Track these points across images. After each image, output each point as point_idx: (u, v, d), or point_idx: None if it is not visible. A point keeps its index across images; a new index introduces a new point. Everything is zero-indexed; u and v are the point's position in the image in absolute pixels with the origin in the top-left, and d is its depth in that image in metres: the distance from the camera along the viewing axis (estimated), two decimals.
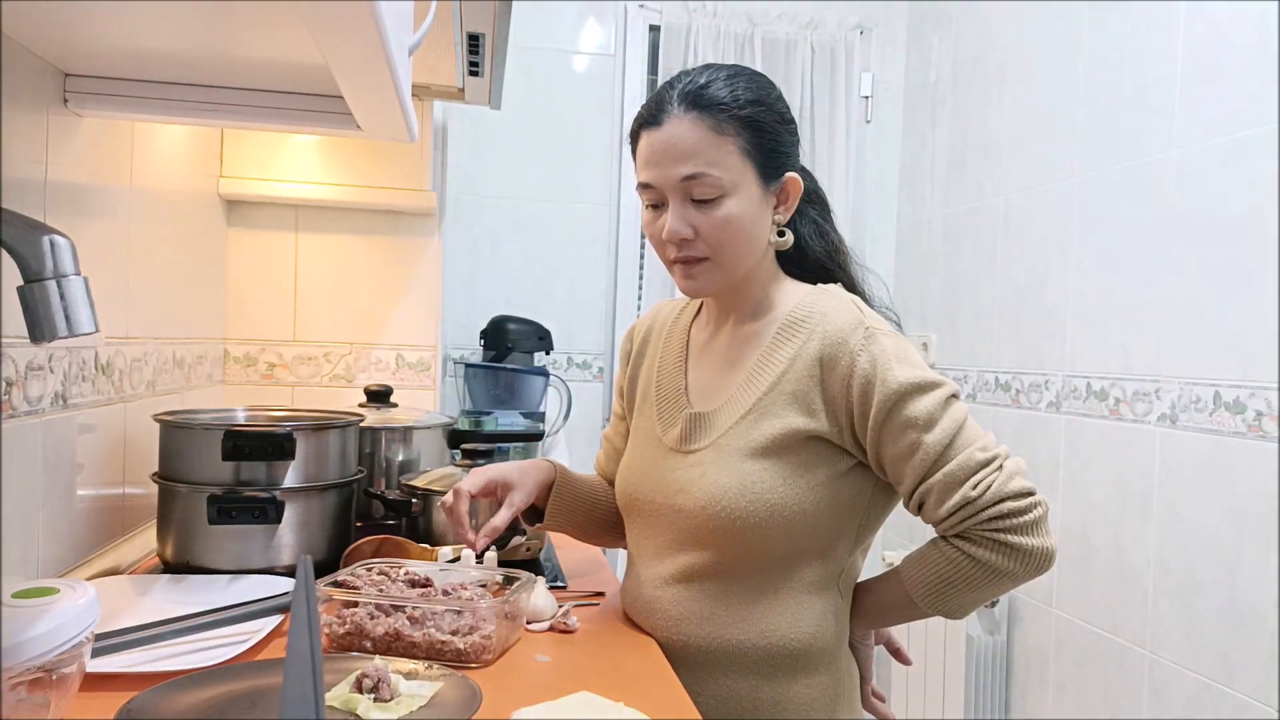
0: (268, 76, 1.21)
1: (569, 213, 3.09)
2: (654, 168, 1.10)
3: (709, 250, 1.10)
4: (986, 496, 1.03)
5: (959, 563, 1.06)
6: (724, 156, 1.08)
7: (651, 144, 1.10)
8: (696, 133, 1.07)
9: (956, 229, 2.87)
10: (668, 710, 0.92)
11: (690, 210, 1.09)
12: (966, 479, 1.04)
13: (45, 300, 0.75)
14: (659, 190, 1.10)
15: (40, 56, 1.13)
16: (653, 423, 1.21)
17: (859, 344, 1.06)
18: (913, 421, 1.04)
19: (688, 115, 1.08)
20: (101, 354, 1.33)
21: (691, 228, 1.09)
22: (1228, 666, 1.81)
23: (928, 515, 1.07)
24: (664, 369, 1.24)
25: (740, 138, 1.08)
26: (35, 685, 0.72)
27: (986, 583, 1.06)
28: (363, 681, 0.87)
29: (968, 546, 1.05)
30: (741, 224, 1.09)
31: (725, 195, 1.08)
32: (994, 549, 1.04)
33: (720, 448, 1.11)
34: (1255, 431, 1.77)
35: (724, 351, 1.19)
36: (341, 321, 2.15)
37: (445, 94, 1.99)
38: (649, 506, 1.17)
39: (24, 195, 1.08)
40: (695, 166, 1.07)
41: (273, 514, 1.26)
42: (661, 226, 1.11)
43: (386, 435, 1.69)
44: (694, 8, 3.06)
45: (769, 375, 1.11)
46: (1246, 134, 1.81)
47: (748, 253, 1.12)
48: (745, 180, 1.09)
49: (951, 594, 1.08)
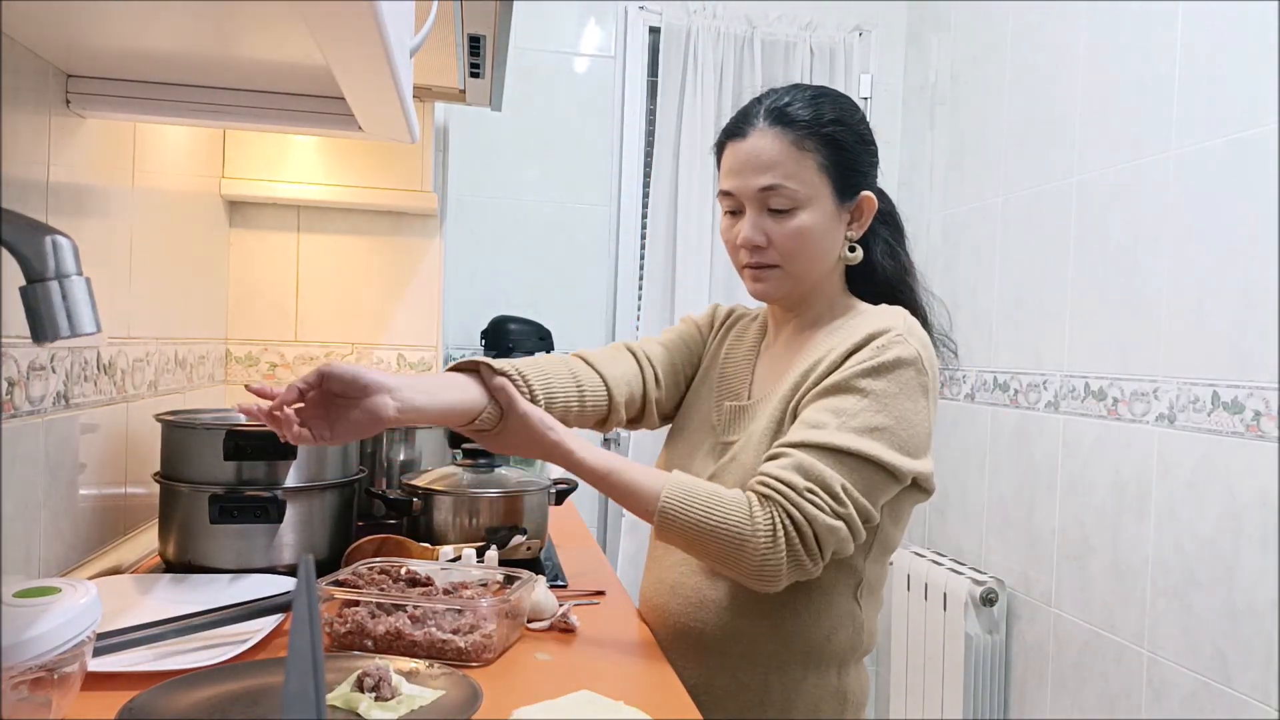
0: (269, 78, 1.21)
1: (569, 213, 3.09)
2: (735, 177, 1.15)
3: (780, 258, 1.14)
4: (805, 507, 1.01)
5: (736, 506, 1.03)
6: (802, 170, 1.12)
7: (735, 154, 1.15)
8: (778, 146, 1.12)
9: (955, 229, 2.88)
10: (668, 710, 0.92)
11: (766, 219, 1.13)
12: (811, 480, 1.02)
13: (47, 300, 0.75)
14: (738, 198, 1.15)
15: (42, 57, 1.13)
16: (711, 410, 1.25)
17: (883, 340, 1.08)
18: (841, 412, 1.05)
19: (771, 129, 1.13)
20: (103, 354, 1.33)
21: (765, 236, 1.13)
22: (1226, 665, 1.82)
23: (763, 466, 1.06)
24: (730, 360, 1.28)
25: (819, 154, 1.13)
26: (37, 684, 0.72)
27: (722, 540, 1.02)
28: (364, 681, 0.87)
29: (755, 502, 1.03)
30: (813, 236, 1.14)
31: (800, 207, 1.13)
32: (767, 531, 1.01)
33: (749, 435, 1.16)
34: (1254, 431, 1.78)
35: (780, 355, 1.23)
36: (343, 322, 2.16)
37: (446, 95, 1.99)
38: None
39: (26, 196, 1.09)
40: (774, 178, 1.12)
41: (274, 513, 1.27)
42: (738, 233, 1.15)
43: (388, 435, 1.70)
44: (694, 9, 3.06)
45: (803, 368, 1.14)
46: (1246, 134, 1.82)
47: (817, 264, 1.16)
48: (821, 195, 1.14)
49: (690, 521, 1.03)
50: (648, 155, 3.12)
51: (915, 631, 2.75)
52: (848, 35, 3.14)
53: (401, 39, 0.95)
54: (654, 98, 3.09)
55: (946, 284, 2.91)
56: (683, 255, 3.02)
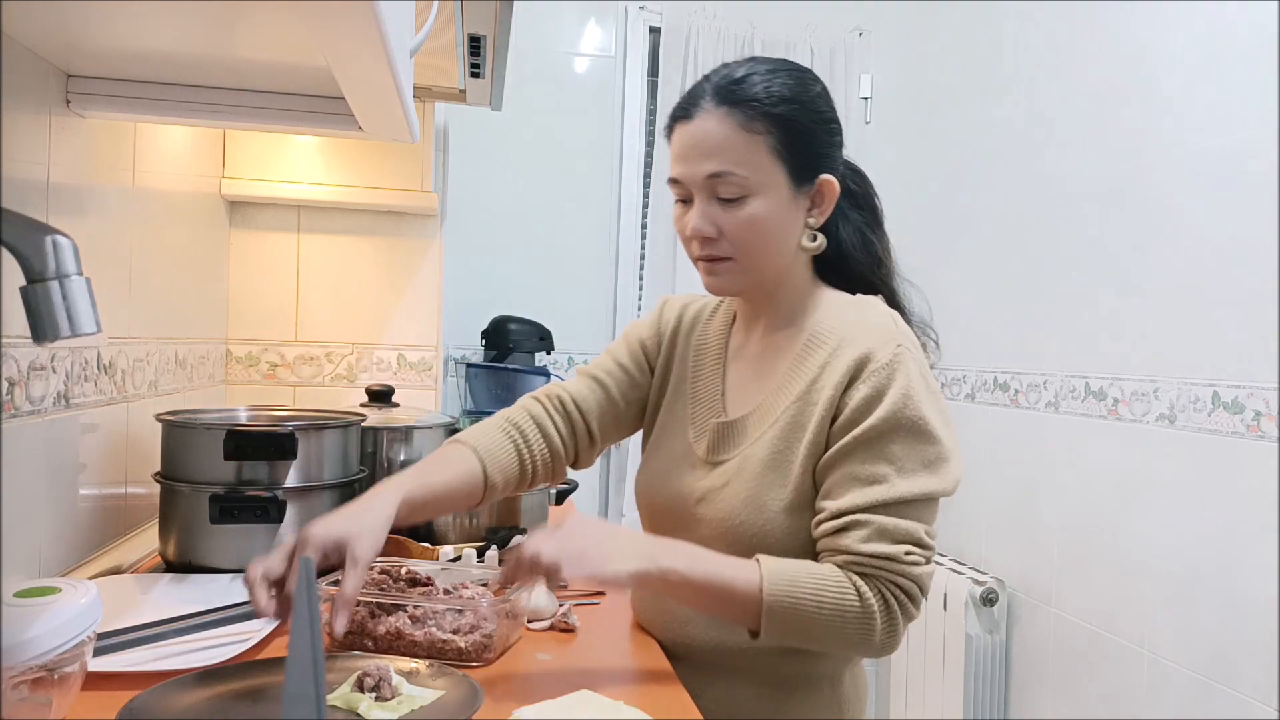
0: (270, 78, 1.21)
1: (569, 213, 3.09)
2: (681, 163, 1.07)
3: (733, 250, 1.07)
4: (909, 570, 0.99)
5: (844, 591, 0.98)
6: (752, 155, 1.04)
7: (681, 138, 1.07)
8: (725, 129, 1.04)
9: (956, 229, 2.88)
10: (668, 710, 0.92)
11: (715, 208, 1.06)
12: (902, 542, 0.99)
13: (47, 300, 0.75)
14: (685, 186, 1.07)
15: (42, 57, 1.13)
16: (685, 426, 1.17)
17: (885, 359, 1.02)
18: (894, 459, 1.00)
19: (718, 110, 1.04)
20: (104, 354, 1.33)
21: (715, 226, 1.06)
22: (1226, 665, 1.82)
23: (843, 541, 1.00)
24: (700, 372, 1.20)
25: (771, 136, 1.04)
26: (37, 684, 0.72)
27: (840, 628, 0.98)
28: (364, 681, 0.87)
29: (863, 585, 0.99)
30: (767, 225, 1.06)
31: (751, 195, 1.05)
32: (882, 607, 0.99)
33: (746, 458, 1.09)
34: (1254, 431, 1.77)
35: (756, 359, 1.16)
36: (343, 322, 2.16)
37: (447, 95, 1.99)
38: (670, 515, 1.15)
39: (26, 196, 1.09)
40: (721, 164, 1.04)
41: (274, 513, 1.27)
42: (687, 223, 1.07)
43: (388, 435, 1.70)
44: (694, 9, 3.06)
45: (798, 385, 1.07)
46: (1246, 134, 1.82)
47: (774, 255, 1.09)
48: (774, 180, 1.05)
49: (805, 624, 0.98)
50: (648, 155, 3.12)
51: (915, 631, 2.75)
52: (848, 35, 3.14)
53: (402, 39, 0.95)
54: (654, 98, 3.10)
55: (946, 284, 2.91)
56: (682, 255, 3.00)
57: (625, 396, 1.25)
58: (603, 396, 1.24)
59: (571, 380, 1.27)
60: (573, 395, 1.23)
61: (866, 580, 0.99)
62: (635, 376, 1.25)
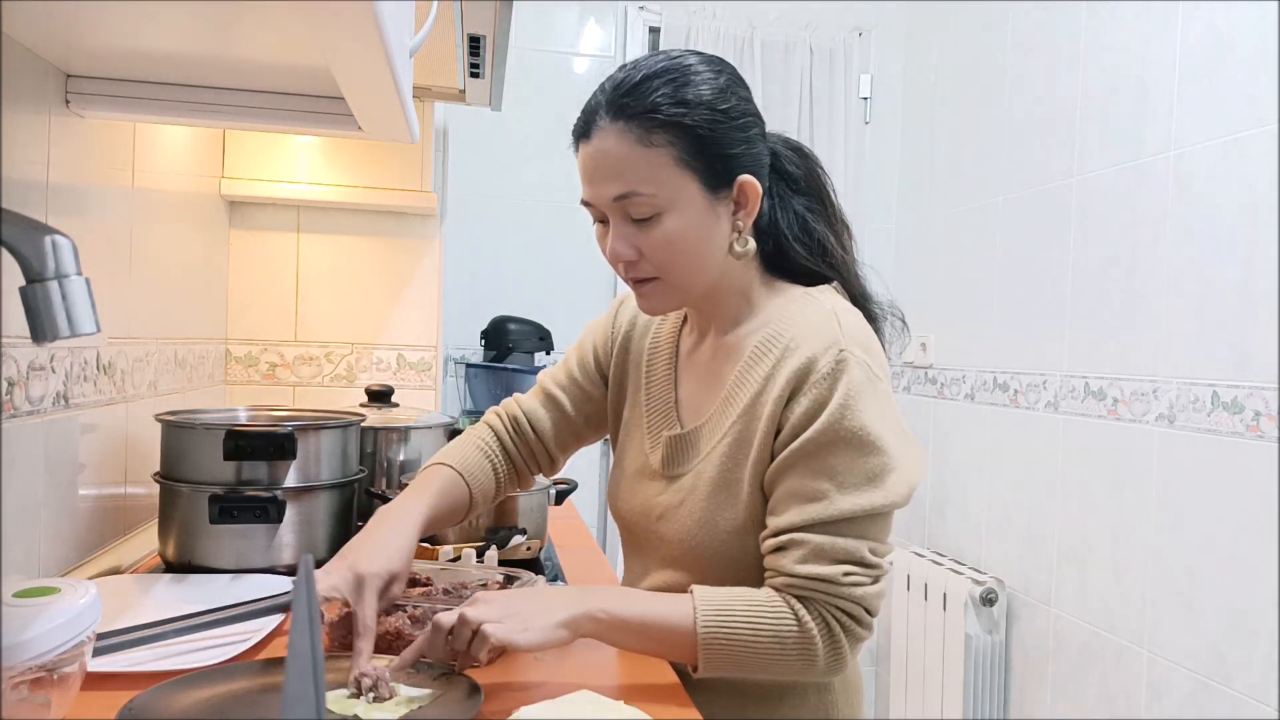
0: (269, 78, 1.21)
1: (569, 213, 3.08)
2: (588, 185, 1.01)
3: (656, 270, 1.01)
4: (850, 591, 0.95)
5: (781, 617, 0.95)
6: (656, 171, 0.97)
7: (584, 159, 1.01)
8: (623, 146, 0.97)
9: (956, 229, 2.88)
10: (668, 709, 0.92)
11: (630, 230, 1.00)
12: (841, 562, 0.95)
13: (47, 300, 0.75)
14: (597, 209, 1.02)
15: (42, 57, 1.13)
16: (643, 438, 1.14)
17: (827, 367, 0.97)
18: (835, 473, 0.95)
19: (614, 125, 0.97)
20: (103, 354, 1.33)
21: (634, 249, 1.00)
22: (1225, 665, 1.82)
23: (781, 561, 0.96)
24: (654, 379, 1.16)
25: (675, 147, 0.96)
26: (36, 684, 0.72)
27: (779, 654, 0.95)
28: (361, 681, 0.87)
29: (800, 608, 0.95)
30: (686, 242, 0.99)
31: (663, 212, 0.98)
32: (823, 630, 0.95)
33: (699, 475, 1.05)
34: (1254, 431, 1.77)
35: (707, 364, 1.11)
36: (343, 322, 2.16)
37: (446, 95, 1.99)
38: (636, 529, 1.13)
39: (26, 196, 1.09)
40: (625, 185, 0.97)
41: (274, 514, 1.27)
42: (608, 247, 1.02)
43: (387, 435, 1.70)
44: (693, 9, 3.06)
45: (743, 398, 1.03)
46: (1246, 134, 1.82)
47: (700, 269, 1.02)
48: (685, 193, 0.98)
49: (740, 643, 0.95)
50: None
51: (915, 632, 2.75)
52: (847, 35, 3.14)
53: (401, 39, 0.95)
54: None
55: (946, 284, 2.91)
56: None
57: (580, 410, 1.23)
58: (557, 414, 1.23)
59: (528, 396, 1.25)
60: (527, 414, 1.23)
61: (804, 603, 0.95)
62: (587, 389, 1.23)
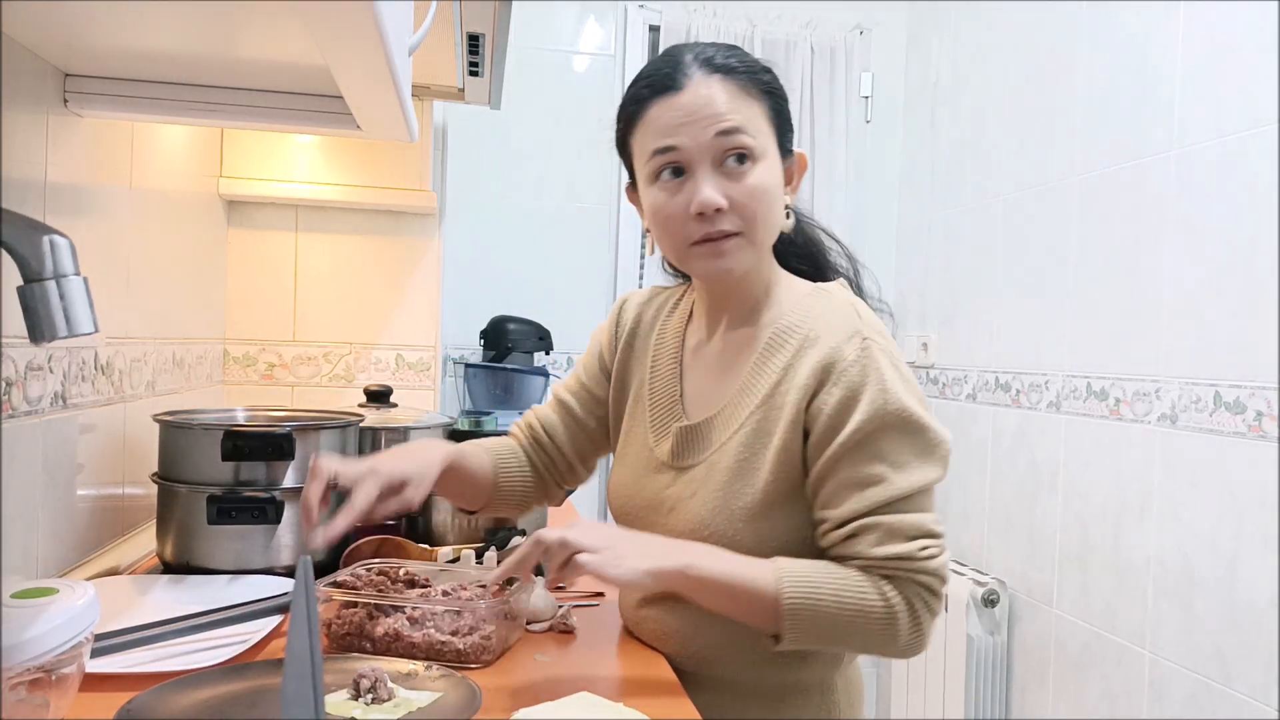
0: (268, 77, 1.21)
1: (569, 213, 3.08)
2: (679, 132, 0.99)
3: (741, 224, 1.00)
4: (927, 565, 0.97)
5: (865, 592, 0.96)
6: (753, 119, 1.01)
7: (673, 108, 1.00)
8: (725, 93, 1.00)
9: (956, 229, 2.87)
10: (668, 710, 0.92)
11: (720, 179, 0.99)
12: (915, 538, 0.97)
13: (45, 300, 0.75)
14: (686, 154, 1.00)
15: (40, 57, 1.13)
16: (646, 432, 1.14)
17: (853, 355, 0.99)
18: (886, 456, 0.97)
19: (711, 78, 1.00)
20: (101, 354, 1.33)
21: (725, 197, 0.99)
22: (1226, 666, 1.81)
23: (856, 548, 0.97)
24: (658, 373, 1.16)
25: (764, 104, 1.02)
26: (35, 685, 0.72)
27: (862, 628, 0.96)
28: (359, 683, 0.87)
29: (887, 586, 0.96)
30: (769, 194, 1.01)
31: (756, 160, 1.00)
32: (906, 607, 0.96)
33: (713, 465, 1.05)
34: (1255, 431, 1.77)
35: (717, 358, 1.11)
36: (341, 321, 2.16)
37: (445, 94, 1.99)
38: (641, 523, 1.12)
39: (24, 195, 1.08)
40: (732, 122, 0.99)
41: (272, 514, 1.26)
42: (685, 201, 1.00)
43: (386, 435, 1.69)
44: (694, 8, 3.06)
45: (762, 387, 1.04)
46: (1246, 134, 1.81)
47: (773, 229, 1.04)
48: (770, 148, 1.02)
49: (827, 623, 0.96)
50: None
51: None
52: (848, 34, 3.13)
53: (400, 37, 0.95)
54: None
55: (947, 284, 2.91)
56: None
57: (590, 413, 1.24)
58: (569, 420, 1.25)
59: (543, 406, 1.28)
60: (543, 423, 1.25)
61: (890, 582, 0.97)
62: (595, 393, 1.24)
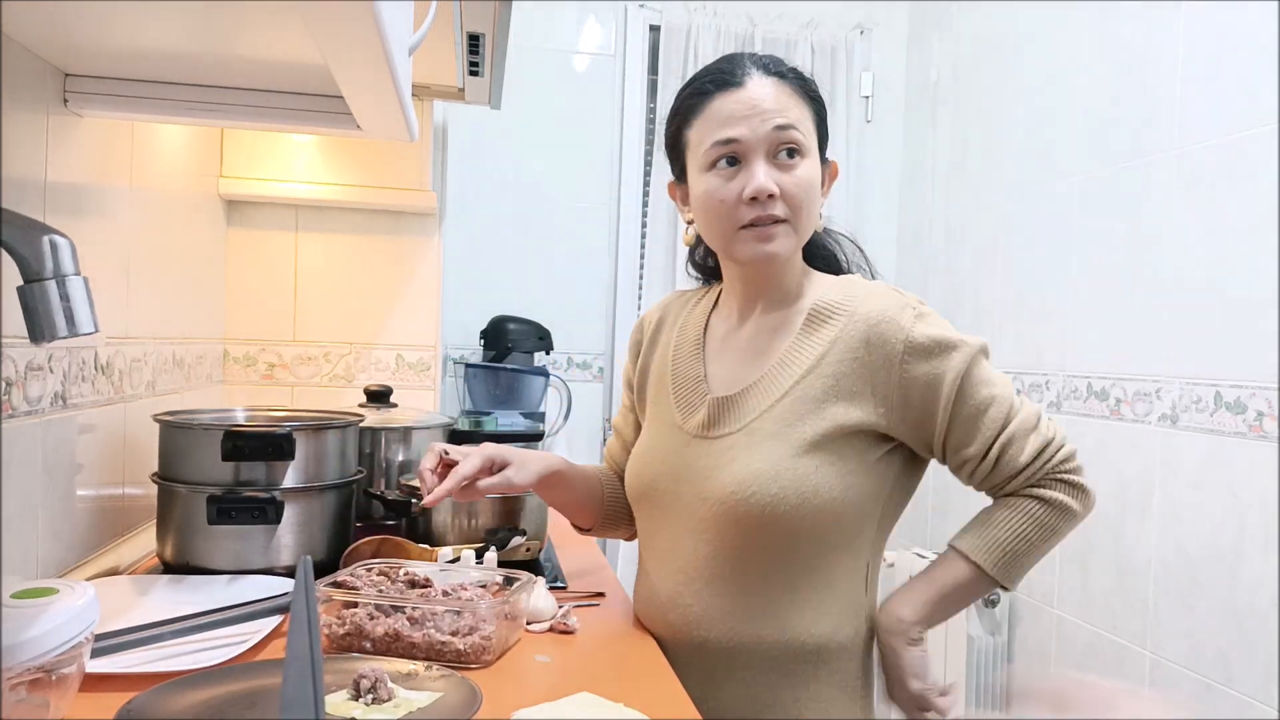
0: (267, 76, 1.21)
1: (569, 213, 3.08)
2: (739, 123, 1.09)
3: (788, 211, 1.10)
4: (1058, 439, 1.10)
5: (1036, 514, 1.09)
6: (804, 120, 1.12)
7: (733, 102, 1.10)
8: (784, 93, 1.11)
9: (957, 229, 2.87)
10: (668, 710, 0.92)
11: (773, 169, 1.09)
12: (1035, 426, 1.09)
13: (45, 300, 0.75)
14: (745, 145, 1.09)
15: (40, 57, 1.13)
16: (670, 411, 1.19)
17: (910, 321, 1.07)
18: (980, 380, 1.08)
19: (769, 78, 1.11)
20: (101, 354, 1.33)
21: (776, 185, 1.09)
22: (1228, 666, 1.81)
23: (1006, 468, 1.09)
24: (679, 357, 1.22)
25: (812, 109, 1.14)
26: (35, 685, 0.72)
27: (1057, 532, 1.10)
28: (359, 683, 0.87)
29: (1044, 493, 1.09)
30: (815, 187, 1.12)
31: (806, 155, 1.11)
32: (1068, 490, 1.10)
33: (753, 432, 1.09)
34: (1256, 431, 1.77)
35: (748, 342, 1.17)
36: (341, 321, 2.15)
37: (445, 94, 1.99)
38: (668, 496, 1.15)
39: (24, 195, 1.08)
40: (789, 118, 1.09)
41: (272, 514, 1.26)
42: (739, 187, 1.09)
43: (386, 435, 1.69)
44: (694, 8, 3.06)
45: (803, 361, 1.10)
46: (1246, 134, 1.81)
47: (813, 223, 1.15)
48: (814, 149, 1.13)
49: (1024, 551, 1.10)
50: (648, 155, 3.11)
51: None
52: (849, 33, 3.13)
53: (400, 37, 0.95)
54: (654, 96, 3.09)
55: (948, 283, 2.91)
56: (682, 254, 3.01)
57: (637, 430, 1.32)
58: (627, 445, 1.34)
59: (610, 442, 1.39)
60: (613, 456, 1.37)
61: (1042, 485, 1.10)
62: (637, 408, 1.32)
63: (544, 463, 1.22)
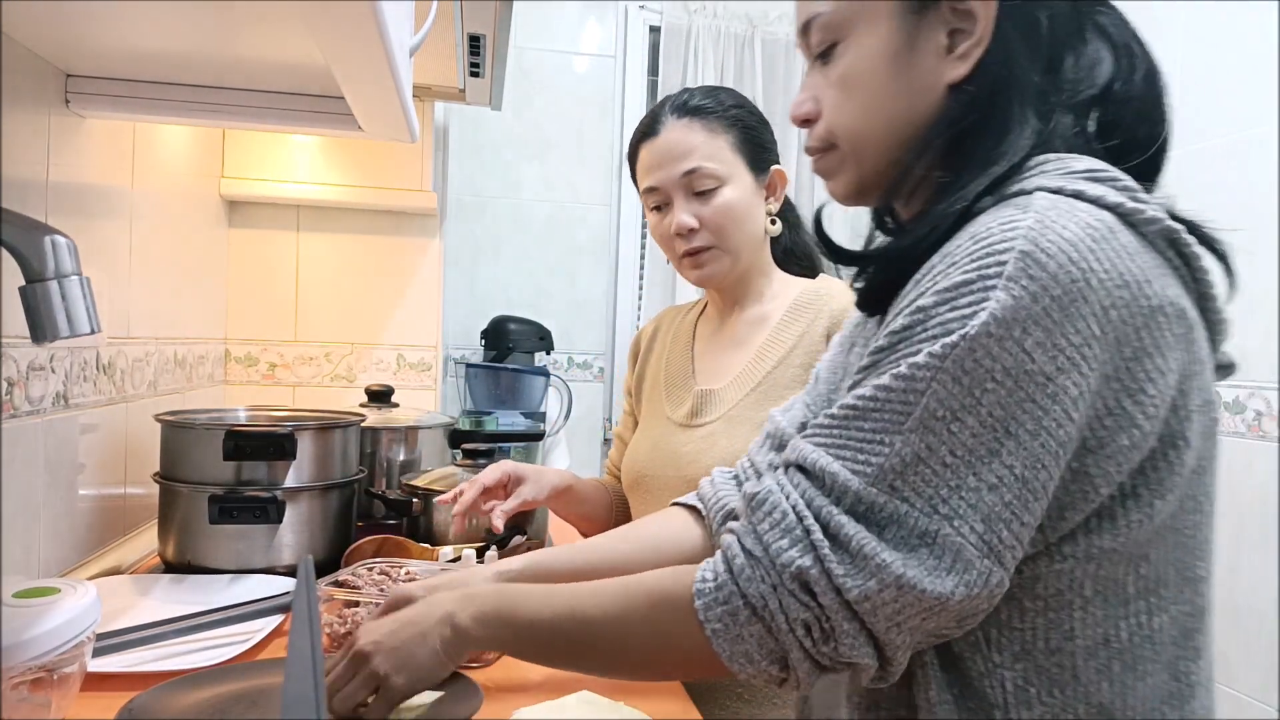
0: (269, 77, 1.21)
1: (569, 213, 3.09)
2: (656, 171, 1.21)
3: (713, 238, 1.20)
4: None
5: None
6: (718, 151, 1.20)
7: (652, 151, 1.22)
8: (691, 134, 1.20)
9: None
10: (668, 710, 0.92)
11: (693, 203, 1.20)
12: None
13: (47, 300, 0.75)
14: (664, 190, 1.21)
15: (42, 57, 1.13)
16: (661, 404, 1.29)
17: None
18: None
19: (680, 121, 1.21)
20: (103, 354, 1.33)
21: (696, 218, 1.20)
22: (1227, 666, 1.82)
23: None
24: (672, 356, 1.33)
25: (729, 134, 1.21)
26: (36, 685, 0.72)
27: None
28: None
29: None
30: (739, 210, 1.20)
31: (722, 184, 1.20)
32: None
33: (731, 419, 1.18)
34: (1255, 431, 1.77)
35: (731, 335, 1.27)
36: (342, 321, 2.16)
37: (446, 95, 1.99)
38: (657, 481, 1.22)
39: (26, 196, 1.09)
40: (694, 162, 1.19)
41: (274, 514, 1.26)
42: (668, 225, 1.21)
43: (387, 435, 1.69)
44: (694, 9, 3.06)
45: (776, 353, 1.20)
46: (1246, 134, 1.82)
47: (748, 238, 1.22)
48: (738, 171, 1.21)
49: None
50: None
51: None
52: None
53: (401, 38, 0.95)
54: (654, 97, 3.09)
55: None
56: None
57: None
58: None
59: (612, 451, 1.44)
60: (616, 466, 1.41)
61: None
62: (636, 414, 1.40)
63: (557, 478, 1.30)
